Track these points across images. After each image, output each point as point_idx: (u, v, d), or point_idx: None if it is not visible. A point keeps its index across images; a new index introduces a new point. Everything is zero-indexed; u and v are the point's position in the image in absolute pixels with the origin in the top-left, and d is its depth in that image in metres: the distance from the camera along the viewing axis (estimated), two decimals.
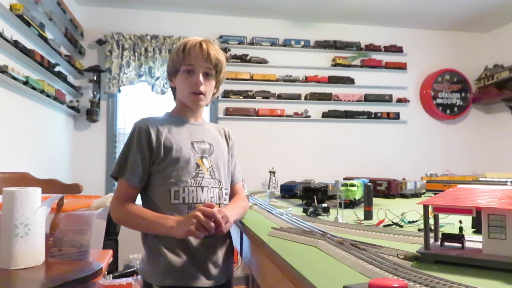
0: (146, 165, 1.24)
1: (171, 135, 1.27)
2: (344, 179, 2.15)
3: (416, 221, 1.25)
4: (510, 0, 3.79)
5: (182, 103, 1.36)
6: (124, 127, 3.93)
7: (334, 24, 4.36)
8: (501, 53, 4.43)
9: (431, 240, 0.80)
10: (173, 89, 1.39)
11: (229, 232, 1.35)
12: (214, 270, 1.23)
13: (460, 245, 0.77)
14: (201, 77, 1.28)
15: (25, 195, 1.49)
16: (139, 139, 1.24)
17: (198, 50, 1.27)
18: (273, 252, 0.91)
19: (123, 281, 2.80)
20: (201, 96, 1.30)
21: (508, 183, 2.06)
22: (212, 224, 1.09)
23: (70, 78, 3.49)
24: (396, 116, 4.35)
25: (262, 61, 4.11)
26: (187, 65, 1.28)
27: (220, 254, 1.26)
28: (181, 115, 1.37)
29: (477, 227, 1.05)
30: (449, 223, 1.20)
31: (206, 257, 1.23)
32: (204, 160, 1.28)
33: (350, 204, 1.64)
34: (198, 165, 1.26)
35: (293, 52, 4.22)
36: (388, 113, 4.34)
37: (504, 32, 4.47)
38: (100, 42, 3.78)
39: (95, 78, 3.72)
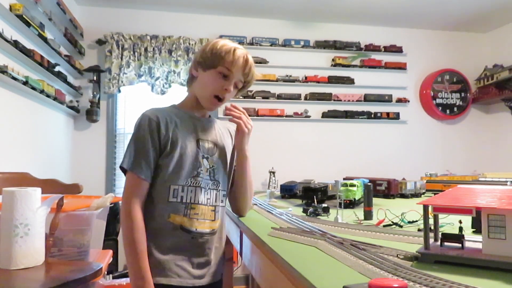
0: (156, 158, 1.21)
1: (178, 131, 1.24)
2: (344, 179, 2.15)
3: (416, 221, 1.25)
4: (510, 0, 3.79)
5: (195, 97, 1.32)
6: (124, 127, 3.93)
7: (334, 24, 4.36)
8: (501, 53, 4.43)
9: (431, 240, 0.80)
10: (193, 78, 1.34)
11: (223, 232, 1.35)
12: (202, 271, 1.24)
13: (460, 245, 0.77)
14: (231, 86, 1.28)
15: (25, 195, 1.49)
16: (151, 131, 1.20)
17: (243, 62, 1.27)
18: (273, 252, 0.91)
19: (123, 281, 2.80)
20: (220, 103, 1.29)
21: (508, 183, 2.06)
22: None
23: (70, 78, 3.49)
24: (396, 116, 4.35)
25: (262, 61, 4.11)
26: (226, 69, 1.25)
27: (211, 255, 1.26)
28: (190, 109, 1.33)
29: (477, 227, 1.05)
30: (449, 223, 1.20)
31: (193, 258, 1.22)
32: (205, 160, 1.28)
33: (350, 204, 1.64)
34: (200, 165, 1.26)
35: (293, 52, 4.22)
36: (388, 113, 4.33)
37: (503, 32, 4.47)
38: (100, 42, 3.78)
39: (95, 78, 3.72)
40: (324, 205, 1.49)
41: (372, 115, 4.30)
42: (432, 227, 0.83)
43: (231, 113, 1.31)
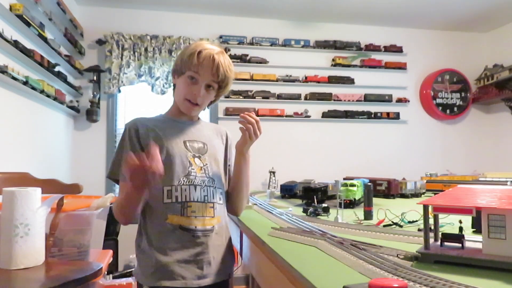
0: None
1: (162, 134, 1.27)
2: (344, 179, 2.15)
3: (416, 221, 1.25)
4: (510, 0, 3.79)
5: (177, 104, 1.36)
6: (124, 127, 3.93)
7: (334, 24, 4.36)
8: (501, 53, 4.43)
9: (431, 240, 0.80)
10: (174, 86, 1.38)
11: (227, 230, 1.34)
12: (206, 270, 1.22)
13: (460, 245, 0.77)
14: (202, 89, 1.28)
15: (25, 195, 1.49)
16: (131, 139, 1.26)
17: (209, 63, 1.25)
18: (273, 252, 0.91)
19: (123, 281, 2.80)
20: (196, 106, 1.31)
21: (508, 183, 2.06)
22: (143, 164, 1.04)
23: (70, 78, 3.49)
24: (396, 116, 4.35)
25: (262, 61, 4.11)
26: (193, 72, 1.27)
27: (215, 253, 1.25)
28: (175, 115, 1.37)
29: (477, 227, 1.05)
30: (449, 223, 1.20)
31: (197, 256, 1.22)
32: (196, 159, 1.28)
33: (350, 204, 1.64)
34: (190, 164, 1.26)
35: (293, 52, 4.22)
36: (388, 113, 4.33)
37: (504, 32, 4.47)
38: (100, 42, 3.78)
39: (95, 78, 3.72)
40: (324, 205, 1.49)
41: (372, 115, 4.30)
42: (432, 227, 0.83)
43: (244, 117, 1.29)
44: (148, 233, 1.22)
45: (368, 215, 1.37)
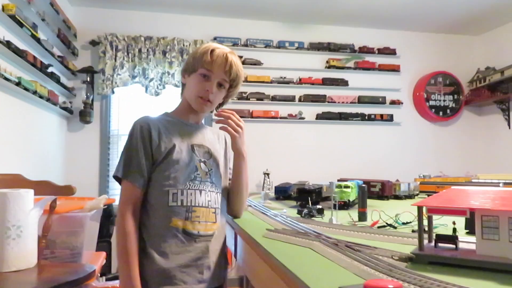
0: (149, 166, 1.22)
1: (172, 137, 1.26)
2: (338, 180, 2.15)
3: (410, 222, 1.25)
4: (502, 3, 3.83)
5: (187, 103, 1.34)
6: (118, 128, 3.91)
7: (328, 26, 4.37)
8: (493, 55, 4.48)
9: (425, 241, 0.81)
10: (183, 86, 1.37)
11: (223, 234, 1.34)
12: (206, 274, 1.22)
13: (454, 246, 0.77)
14: (214, 86, 1.28)
15: (17, 197, 1.48)
16: (143, 139, 1.22)
17: (222, 61, 1.27)
18: (268, 253, 0.91)
19: (116, 283, 2.78)
20: (208, 103, 1.30)
21: (501, 185, 2.07)
22: None
23: (63, 79, 3.47)
24: (390, 118, 4.37)
25: (256, 63, 4.11)
26: (206, 70, 1.27)
27: (213, 257, 1.25)
28: (182, 116, 1.35)
29: (470, 228, 1.06)
30: (443, 224, 1.20)
31: (198, 261, 1.21)
32: (202, 164, 1.28)
33: (344, 205, 1.65)
34: (196, 168, 1.26)
35: (287, 54, 4.23)
36: (381, 115, 4.36)
37: (496, 34, 4.51)
38: (94, 43, 3.77)
39: (88, 79, 3.70)
40: (319, 206, 1.49)
41: (366, 117, 4.32)
42: (426, 228, 0.83)
43: (219, 115, 1.31)
44: (150, 235, 1.21)
45: (362, 217, 1.37)
